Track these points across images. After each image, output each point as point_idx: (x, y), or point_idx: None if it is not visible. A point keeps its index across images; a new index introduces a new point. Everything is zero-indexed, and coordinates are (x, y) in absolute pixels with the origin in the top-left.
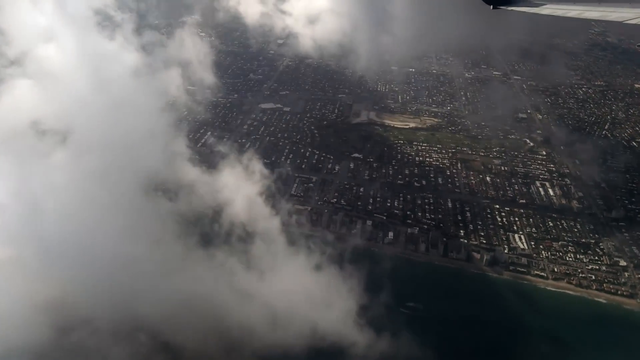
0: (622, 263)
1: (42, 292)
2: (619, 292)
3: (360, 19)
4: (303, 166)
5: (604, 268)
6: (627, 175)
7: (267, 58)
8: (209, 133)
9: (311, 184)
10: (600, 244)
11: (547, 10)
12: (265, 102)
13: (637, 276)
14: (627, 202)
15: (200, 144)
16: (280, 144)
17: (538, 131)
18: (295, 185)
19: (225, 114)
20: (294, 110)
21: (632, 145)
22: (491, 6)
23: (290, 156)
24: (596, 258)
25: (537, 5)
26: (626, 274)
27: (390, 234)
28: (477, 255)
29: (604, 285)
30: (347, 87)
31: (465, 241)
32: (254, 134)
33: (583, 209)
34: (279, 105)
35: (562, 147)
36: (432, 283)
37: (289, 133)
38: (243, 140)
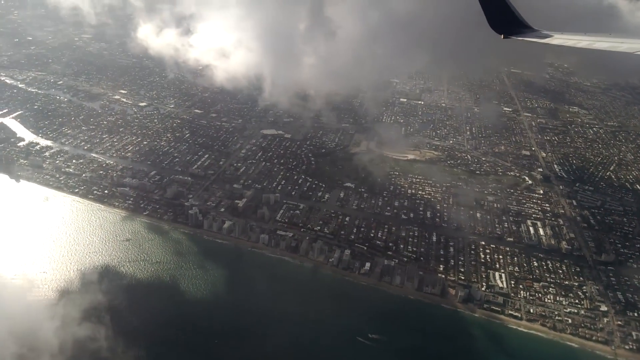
0: (603, 308)
1: None
2: (594, 338)
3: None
4: (293, 193)
5: (582, 312)
6: (625, 219)
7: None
8: (206, 156)
9: (297, 211)
10: (584, 287)
11: (557, 40)
12: (268, 128)
13: (616, 322)
14: (620, 245)
15: (195, 166)
16: (275, 169)
17: (539, 169)
18: (282, 211)
19: (226, 138)
20: (295, 137)
21: (636, 188)
22: (502, 36)
23: (283, 182)
24: (576, 301)
25: (547, 36)
26: (605, 319)
27: (368, 265)
28: (452, 291)
29: (580, 329)
30: (352, 116)
31: (443, 276)
32: (250, 159)
33: (572, 250)
34: (280, 132)
35: (561, 187)
36: (402, 316)
37: (286, 159)
38: (238, 164)
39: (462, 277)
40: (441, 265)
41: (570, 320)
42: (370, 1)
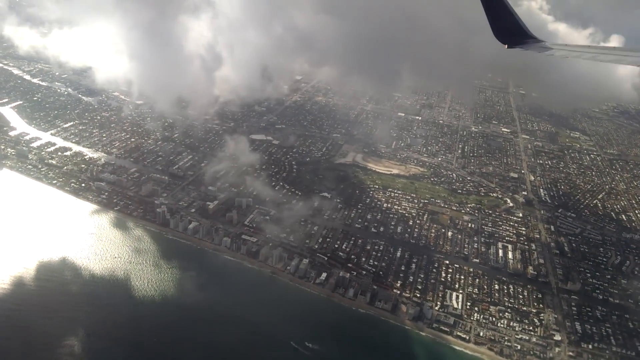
0: (557, 337)
1: None
2: None
3: None
4: (267, 199)
5: (534, 339)
6: (601, 248)
7: (278, 92)
8: (189, 157)
9: (267, 217)
10: (542, 314)
11: (561, 52)
12: (257, 133)
13: (568, 353)
14: (589, 275)
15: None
16: (255, 175)
17: (523, 192)
18: (252, 216)
19: (213, 140)
20: (282, 144)
21: (620, 218)
22: (506, 46)
23: (260, 187)
24: (530, 328)
25: (552, 48)
26: (557, 349)
27: (324, 275)
28: (404, 308)
29: (527, 357)
30: (346, 127)
31: (398, 292)
32: (233, 162)
33: (537, 276)
34: (269, 138)
35: (542, 212)
36: (346, 329)
37: (268, 165)
38: (219, 167)
39: (418, 295)
40: (399, 281)
41: (519, 347)
42: (275, 15)
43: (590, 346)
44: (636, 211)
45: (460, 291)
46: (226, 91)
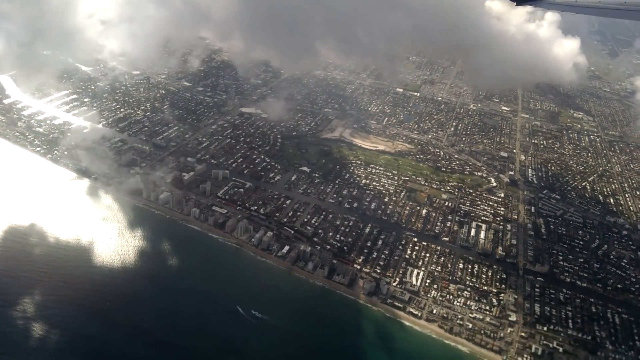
0: (513, 318)
1: None
2: (489, 346)
3: None
4: (246, 171)
5: (488, 319)
6: (580, 232)
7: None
8: (175, 128)
9: (242, 189)
10: (502, 295)
11: (569, 9)
12: (248, 106)
13: (520, 333)
14: (561, 257)
15: (161, 137)
16: (238, 147)
17: (510, 172)
18: (227, 187)
19: (202, 112)
20: (271, 118)
21: (607, 202)
22: (515, 3)
23: (240, 160)
24: (487, 308)
25: (561, 4)
26: (510, 329)
27: (286, 248)
28: (361, 283)
29: (477, 336)
30: (339, 102)
31: (358, 267)
32: (218, 135)
33: (506, 257)
34: (258, 111)
35: (525, 192)
36: (300, 300)
37: (252, 138)
38: (203, 139)
39: (378, 271)
40: (361, 257)
41: (470, 325)
42: None
43: (545, 328)
44: (626, 195)
45: (423, 269)
46: (123, 63)
